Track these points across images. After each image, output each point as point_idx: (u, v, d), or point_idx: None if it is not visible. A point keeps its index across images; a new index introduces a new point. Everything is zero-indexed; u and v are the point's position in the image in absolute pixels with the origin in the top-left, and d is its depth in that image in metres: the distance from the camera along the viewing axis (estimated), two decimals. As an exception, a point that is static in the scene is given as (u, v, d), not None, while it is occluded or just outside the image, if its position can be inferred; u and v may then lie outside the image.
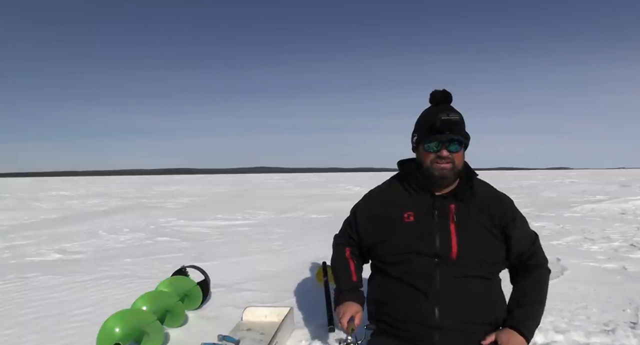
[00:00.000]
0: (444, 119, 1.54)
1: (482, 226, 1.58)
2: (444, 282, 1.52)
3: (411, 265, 1.56)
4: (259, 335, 2.19)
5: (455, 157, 1.56)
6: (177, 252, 4.93)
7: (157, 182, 38.63)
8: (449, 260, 1.54)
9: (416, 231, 1.58)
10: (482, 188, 1.68)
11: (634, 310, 2.66)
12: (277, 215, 9.07)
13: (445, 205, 1.60)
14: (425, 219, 1.59)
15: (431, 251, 1.55)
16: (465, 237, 1.55)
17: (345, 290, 1.75)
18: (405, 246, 1.58)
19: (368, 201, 1.78)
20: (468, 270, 1.54)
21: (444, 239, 1.55)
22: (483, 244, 1.57)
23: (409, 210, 1.62)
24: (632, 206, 9.10)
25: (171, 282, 2.65)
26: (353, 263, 1.80)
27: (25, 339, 2.34)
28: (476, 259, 1.55)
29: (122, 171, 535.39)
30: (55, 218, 9.09)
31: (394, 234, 1.61)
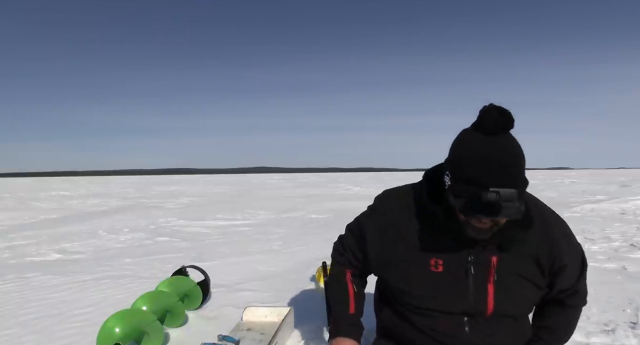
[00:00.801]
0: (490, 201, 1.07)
1: (527, 280, 1.30)
2: (471, 340, 1.32)
3: (434, 322, 1.33)
4: (259, 335, 2.19)
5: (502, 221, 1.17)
6: (177, 252, 4.93)
7: (157, 182, 38.63)
8: (481, 318, 1.31)
9: (444, 286, 1.29)
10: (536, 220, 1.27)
11: (634, 310, 2.66)
12: (277, 215, 9.07)
13: (485, 257, 1.26)
14: (458, 272, 1.28)
15: (461, 310, 1.30)
16: (504, 294, 1.28)
17: (341, 325, 1.53)
18: (428, 302, 1.31)
19: (383, 218, 1.39)
20: (501, 326, 1.33)
21: (478, 297, 1.28)
22: (524, 299, 1.33)
23: (436, 255, 1.29)
24: (632, 206, 9.10)
25: (171, 282, 2.65)
26: (353, 290, 1.54)
27: (25, 339, 2.33)
28: (513, 313, 1.34)
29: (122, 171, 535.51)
30: (55, 218, 9.08)
31: (415, 284, 1.32)
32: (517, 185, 1.10)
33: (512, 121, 1.12)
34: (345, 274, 1.54)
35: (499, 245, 1.26)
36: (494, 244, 1.25)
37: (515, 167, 1.12)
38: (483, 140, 1.12)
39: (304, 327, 2.39)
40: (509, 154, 1.12)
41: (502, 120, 1.11)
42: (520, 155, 1.14)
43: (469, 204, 1.11)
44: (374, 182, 25.22)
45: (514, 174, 1.11)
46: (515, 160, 1.12)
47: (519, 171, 1.12)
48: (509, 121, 1.12)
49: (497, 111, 1.12)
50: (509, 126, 1.13)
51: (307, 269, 3.79)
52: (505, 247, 1.25)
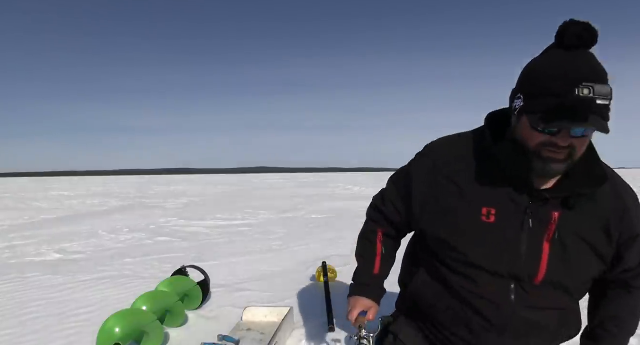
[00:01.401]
0: (583, 98, 0.93)
1: (590, 246, 1.14)
2: (516, 311, 1.17)
3: (476, 284, 1.18)
4: (259, 335, 2.19)
5: (579, 145, 1.02)
6: (177, 252, 4.93)
7: (157, 182, 38.63)
8: (529, 286, 1.15)
9: (494, 239, 1.14)
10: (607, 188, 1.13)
11: (634, 310, 2.66)
12: (277, 215, 9.07)
13: (547, 211, 1.11)
14: (512, 224, 1.13)
15: (509, 271, 1.15)
16: (561, 256, 1.13)
17: (363, 283, 1.43)
18: (473, 257, 1.17)
19: (434, 167, 1.23)
20: (551, 300, 1.18)
21: (531, 256, 1.13)
22: (583, 269, 1.17)
23: (490, 204, 1.14)
24: (632, 206, 9.10)
25: (171, 282, 2.65)
26: (382, 251, 1.42)
27: (25, 339, 2.33)
28: (567, 284, 1.17)
29: (122, 171, 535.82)
30: (55, 218, 9.08)
31: (461, 234, 1.17)
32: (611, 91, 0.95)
33: (597, 35, 0.98)
34: (377, 232, 1.42)
35: (563, 200, 1.10)
36: (559, 198, 1.11)
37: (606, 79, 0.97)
38: (565, 54, 0.99)
39: (304, 327, 2.39)
40: (599, 66, 0.98)
41: (588, 33, 0.97)
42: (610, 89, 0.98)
43: (552, 111, 0.96)
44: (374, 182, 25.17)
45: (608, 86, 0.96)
46: (606, 74, 0.97)
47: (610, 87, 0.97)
48: (595, 35, 0.97)
49: (581, 26, 0.97)
50: (594, 41, 0.98)
51: (307, 269, 3.79)
52: (571, 202, 1.09)
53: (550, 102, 0.97)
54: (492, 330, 1.20)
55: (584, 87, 0.93)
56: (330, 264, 3.46)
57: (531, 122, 1.01)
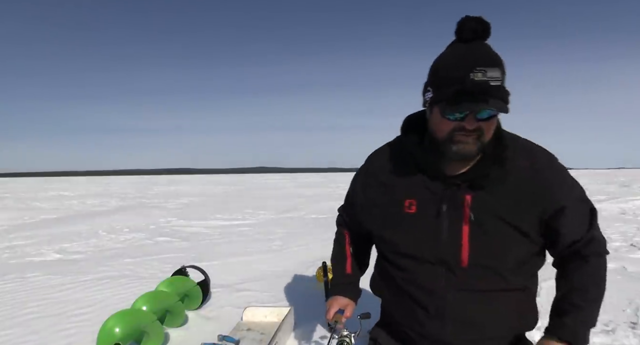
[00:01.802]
0: (477, 81, 1.04)
1: (511, 225, 1.18)
2: (450, 296, 1.22)
3: (410, 273, 1.27)
4: (259, 335, 2.19)
5: (485, 127, 1.12)
6: (177, 252, 4.93)
7: (157, 182, 38.62)
8: (457, 269, 1.21)
9: (417, 228, 1.23)
10: (518, 159, 1.19)
11: (634, 310, 2.66)
12: (277, 215, 9.07)
13: (458, 195, 1.19)
14: (430, 212, 1.21)
15: (435, 257, 1.22)
16: (482, 239, 1.18)
17: (337, 283, 1.56)
18: (403, 247, 1.27)
19: (364, 175, 1.40)
20: (483, 282, 1.21)
21: (452, 241, 1.20)
22: (507, 248, 1.20)
23: (411, 196, 1.24)
24: (632, 206, 9.11)
25: (171, 282, 2.65)
26: (350, 251, 1.55)
27: (25, 339, 2.33)
28: (495, 266, 1.20)
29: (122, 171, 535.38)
30: (55, 218, 9.08)
31: (390, 228, 1.28)
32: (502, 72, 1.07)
33: (489, 28, 1.10)
34: (345, 235, 1.59)
35: (472, 183, 1.18)
36: (467, 182, 1.18)
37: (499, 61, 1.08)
38: (462, 47, 1.11)
39: (304, 327, 2.39)
40: (491, 51, 1.10)
41: (481, 27, 1.10)
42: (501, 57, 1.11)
43: (454, 97, 1.07)
44: (374, 182, 25.07)
45: (498, 69, 1.07)
46: (498, 57, 1.09)
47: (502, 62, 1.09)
48: (487, 28, 1.10)
49: (475, 20, 1.10)
50: (487, 33, 1.11)
51: (307, 269, 3.79)
52: (478, 184, 1.17)
53: (452, 89, 1.07)
54: (434, 318, 1.25)
55: (477, 71, 1.04)
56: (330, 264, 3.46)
57: (440, 111, 1.12)
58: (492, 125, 1.14)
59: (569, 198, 1.21)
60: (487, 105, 1.05)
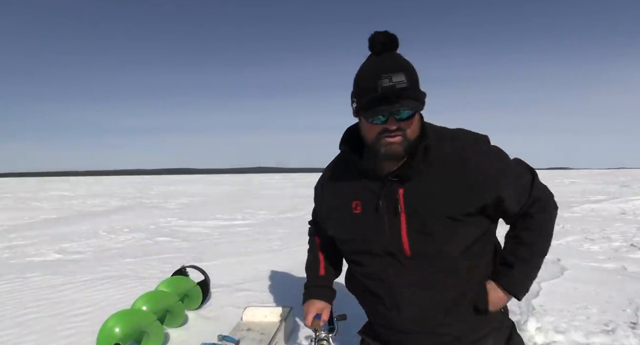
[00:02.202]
0: (386, 87, 1.17)
1: (443, 210, 1.24)
2: (399, 285, 1.30)
3: (364, 266, 1.37)
4: (259, 335, 2.19)
5: (407, 126, 1.22)
6: (177, 252, 4.93)
7: (157, 182, 38.63)
8: (403, 258, 1.28)
9: (363, 225, 1.33)
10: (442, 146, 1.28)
11: (634, 310, 2.66)
12: (277, 215, 9.08)
13: (393, 190, 1.28)
14: (372, 209, 1.31)
15: (382, 249, 1.30)
16: (419, 229, 1.25)
17: (311, 286, 1.61)
18: (355, 244, 1.37)
19: (320, 186, 1.53)
20: (429, 269, 1.28)
21: (393, 233, 1.28)
22: (446, 235, 1.26)
23: (356, 198, 1.35)
24: (632, 206, 9.12)
25: (171, 282, 2.65)
26: (322, 255, 1.64)
27: (25, 339, 2.34)
28: (436, 252, 1.26)
29: (122, 171, 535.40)
30: (55, 218, 9.09)
31: (343, 229, 1.39)
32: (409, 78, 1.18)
33: (397, 39, 1.22)
34: (315, 241, 1.68)
35: (402, 177, 1.27)
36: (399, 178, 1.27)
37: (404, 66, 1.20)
38: (374, 58, 1.24)
39: (304, 327, 2.39)
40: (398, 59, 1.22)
41: (389, 39, 1.21)
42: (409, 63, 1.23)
43: (369, 103, 1.19)
44: (374, 182, 25.09)
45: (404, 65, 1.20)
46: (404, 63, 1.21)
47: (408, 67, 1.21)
48: (394, 39, 1.22)
49: (383, 34, 1.22)
50: (395, 44, 1.22)
51: (307, 269, 3.80)
52: (406, 175, 1.26)
53: (367, 97, 1.20)
54: (391, 309, 1.34)
55: (384, 78, 1.17)
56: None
57: (364, 117, 1.24)
58: (413, 124, 1.24)
59: (503, 174, 1.27)
60: (400, 107, 1.17)
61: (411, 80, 1.19)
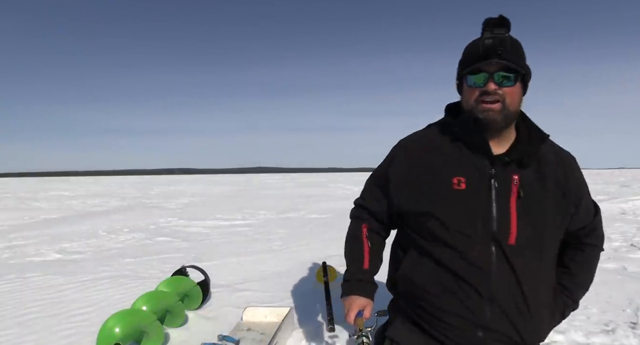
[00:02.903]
0: (488, 39, 1.20)
1: (551, 202, 1.26)
2: (500, 275, 1.23)
3: (460, 251, 1.24)
4: (259, 335, 2.19)
5: (507, 94, 1.20)
6: (177, 252, 4.93)
7: (157, 182, 38.62)
8: (505, 246, 1.22)
9: (468, 203, 1.24)
10: (551, 150, 1.32)
11: (634, 310, 2.66)
12: (277, 215, 9.07)
13: (508, 174, 1.24)
14: (481, 189, 1.24)
15: (486, 232, 1.22)
16: (528, 216, 1.23)
17: (354, 280, 1.47)
18: (451, 222, 1.25)
19: (404, 155, 1.40)
20: (531, 262, 1.25)
21: (502, 217, 1.22)
22: (549, 224, 1.26)
23: (459, 174, 1.26)
24: (632, 206, 9.11)
25: (171, 282, 2.65)
26: (368, 245, 1.49)
27: (25, 339, 2.33)
28: (537, 241, 1.25)
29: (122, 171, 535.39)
30: (55, 218, 9.08)
31: (438, 205, 1.27)
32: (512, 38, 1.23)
33: (508, 21, 1.24)
34: (362, 229, 1.50)
35: (518, 162, 1.26)
36: (514, 160, 1.26)
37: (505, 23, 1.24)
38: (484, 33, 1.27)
39: (304, 327, 2.39)
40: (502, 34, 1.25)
41: (501, 18, 1.24)
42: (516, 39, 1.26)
43: (469, 60, 1.23)
44: (374, 182, 25.07)
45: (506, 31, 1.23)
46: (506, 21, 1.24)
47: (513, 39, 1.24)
48: (506, 20, 1.24)
49: (499, 15, 1.25)
50: (506, 22, 1.24)
51: (307, 269, 3.79)
52: (525, 162, 1.25)
53: (470, 56, 1.24)
54: (483, 299, 1.24)
55: (487, 38, 1.21)
56: (330, 264, 3.46)
57: (466, 81, 1.25)
58: (514, 93, 1.22)
59: (585, 191, 1.38)
60: (499, 60, 1.18)
61: (516, 42, 1.23)
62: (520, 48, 1.25)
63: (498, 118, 1.21)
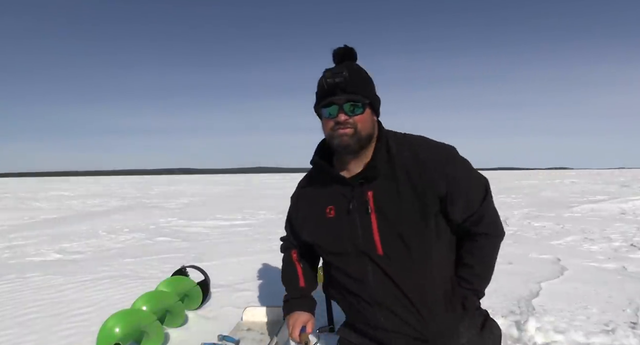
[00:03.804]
0: (329, 80, 1.33)
1: (409, 210, 1.33)
2: (377, 283, 1.37)
3: (342, 267, 1.44)
4: (259, 335, 2.19)
5: (358, 121, 1.33)
6: (177, 252, 4.93)
7: (157, 182, 38.63)
8: (377, 258, 1.36)
9: (338, 227, 1.41)
10: (403, 152, 1.38)
11: (634, 310, 2.66)
12: (277, 215, 9.07)
13: (363, 192, 1.37)
14: (344, 211, 1.40)
15: (357, 249, 1.38)
16: (389, 227, 1.34)
17: (293, 299, 1.64)
18: (332, 246, 1.44)
19: (296, 197, 1.64)
20: (399, 266, 1.35)
21: (366, 233, 1.36)
22: (413, 233, 1.33)
23: (330, 203, 1.44)
24: (632, 206, 9.10)
25: (171, 282, 2.65)
26: (300, 267, 1.68)
27: (25, 339, 2.33)
28: (406, 251, 1.34)
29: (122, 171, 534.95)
30: (55, 218, 9.08)
31: (320, 233, 1.47)
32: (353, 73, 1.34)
33: (353, 51, 1.38)
34: (292, 255, 1.71)
35: (370, 179, 1.37)
36: (365, 178, 1.37)
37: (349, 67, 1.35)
38: None
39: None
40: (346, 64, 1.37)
41: (345, 49, 1.38)
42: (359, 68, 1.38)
43: (319, 98, 1.37)
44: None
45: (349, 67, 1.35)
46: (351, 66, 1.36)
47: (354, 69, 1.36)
48: (351, 50, 1.38)
49: (344, 46, 1.38)
50: (351, 54, 1.38)
51: (307, 269, 3.80)
52: (373, 178, 1.36)
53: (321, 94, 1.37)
54: (370, 306, 1.40)
55: (327, 76, 1.34)
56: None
57: (319, 113, 1.40)
58: (363, 120, 1.35)
59: (457, 182, 1.35)
60: (344, 96, 1.31)
61: (357, 76, 1.35)
62: (364, 77, 1.36)
63: (351, 142, 1.34)
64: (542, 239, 5.41)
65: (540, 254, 4.40)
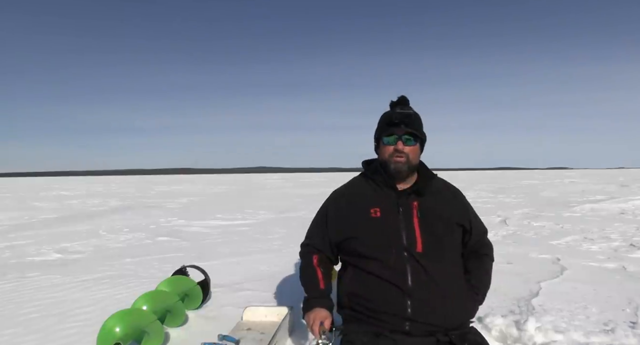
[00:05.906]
0: (398, 112, 1.71)
1: (446, 220, 1.71)
2: (414, 275, 1.60)
3: (381, 259, 1.63)
4: (259, 335, 2.19)
5: (410, 152, 1.69)
6: (177, 252, 4.93)
7: (157, 182, 38.63)
8: (416, 254, 1.61)
9: (383, 227, 1.67)
10: (442, 185, 1.84)
11: (634, 310, 2.66)
12: (277, 215, 9.08)
13: (409, 201, 1.71)
14: (391, 214, 1.68)
15: (398, 244, 1.63)
16: (428, 231, 1.65)
17: (313, 298, 1.77)
18: (374, 240, 1.66)
19: (335, 199, 1.88)
20: (436, 263, 1.62)
21: (408, 233, 1.64)
22: (447, 237, 1.69)
23: (375, 206, 1.71)
24: (631, 206, 9.11)
25: (171, 282, 2.65)
26: (320, 271, 1.82)
27: (25, 339, 2.34)
28: (439, 251, 1.65)
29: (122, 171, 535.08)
30: (55, 218, 9.09)
31: (361, 230, 1.70)
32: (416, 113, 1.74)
33: (407, 99, 1.78)
34: (312, 259, 1.85)
35: (416, 191, 1.72)
36: (413, 192, 1.72)
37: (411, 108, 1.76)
38: None
39: (304, 327, 2.39)
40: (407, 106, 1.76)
41: (401, 98, 1.77)
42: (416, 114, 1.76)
43: (385, 126, 1.72)
44: (374, 182, 25.09)
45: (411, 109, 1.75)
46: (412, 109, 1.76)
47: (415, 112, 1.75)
48: (405, 98, 1.78)
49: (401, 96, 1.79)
50: (407, 100, 1.78)
51: (307, 269, 3.80)
52: (421, 192, 1.72)
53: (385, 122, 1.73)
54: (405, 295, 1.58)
55: (395, 110, 1.73)
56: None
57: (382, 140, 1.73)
58: (415, 150, 1.71)
59: (471, 213, 1.83)
60: (406, 128, 1.67)
61: (417, 116, 1.74)
62: (419, 120, 1.75)
63: (403, 168, 1.69)
64: (541, 239, 5.41)
65: (539, 254, 4.40)
